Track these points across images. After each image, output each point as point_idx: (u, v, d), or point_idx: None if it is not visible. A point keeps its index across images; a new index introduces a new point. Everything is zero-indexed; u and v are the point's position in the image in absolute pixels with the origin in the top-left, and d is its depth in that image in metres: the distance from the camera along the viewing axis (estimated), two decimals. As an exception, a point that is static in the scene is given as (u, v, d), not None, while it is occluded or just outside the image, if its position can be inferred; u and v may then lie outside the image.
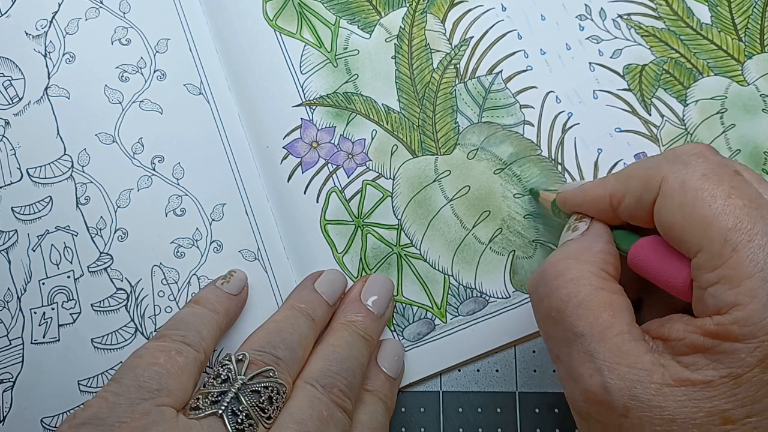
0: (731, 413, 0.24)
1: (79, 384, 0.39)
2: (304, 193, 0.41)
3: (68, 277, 0.40)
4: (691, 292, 0.27)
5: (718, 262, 0.25)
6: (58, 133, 0.42)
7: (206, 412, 0.30)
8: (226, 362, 0.32)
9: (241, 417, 0.30)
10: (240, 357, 0.33)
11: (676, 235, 0.27)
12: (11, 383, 0.39)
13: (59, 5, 0.44)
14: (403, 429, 0.38)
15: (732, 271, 0.25)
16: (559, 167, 0.40)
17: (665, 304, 0.31)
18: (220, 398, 0.31)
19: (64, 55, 0.43)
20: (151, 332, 0.39)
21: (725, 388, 0.25)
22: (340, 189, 0.41)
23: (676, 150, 0.29)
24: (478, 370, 0.39)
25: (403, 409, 0.38)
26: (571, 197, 0.34)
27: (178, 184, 0.41)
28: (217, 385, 0.31)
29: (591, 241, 0.31)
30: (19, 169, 0.42)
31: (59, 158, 0.42)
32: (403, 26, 0.43)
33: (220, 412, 0.30)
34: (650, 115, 0.41)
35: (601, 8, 0.43)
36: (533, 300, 0.31)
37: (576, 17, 0.43)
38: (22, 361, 0.39)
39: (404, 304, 0.39)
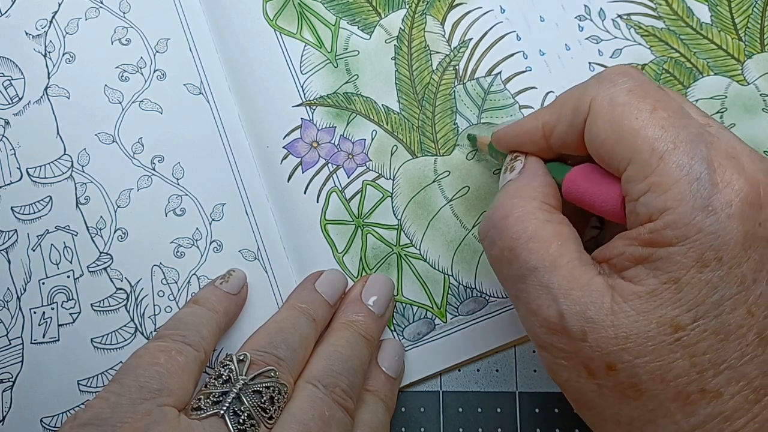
0: (680, 320, 0.25)
1: (78, 384, 0.39)
2: (304, 193, 0.41)
3: (68, 276, 0.40)
4: (624, 211, 0.28)
5: (647, 171, 0.26)
6: (57, 133, 0.42)
7: (208, 413, 0.30)
8: (228, 362, 0.32)
9: (242, 417, 0.30)
10: (241, 357, 0.33)
11: (606, 151, 0.28)
12: (11, 383, 0.39)
13: (59, 5, 0.44)
14: (403, 429, 0.38)
15: (660, 178, 0.26)
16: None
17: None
18: (221, 398, 0.31)
19: (64, 54, 0.43)
20: (151, 332, 0.39)
21: (668, 294, 0.25)
22: (340, 189, 0.41)
23: (603, 72, 0.30)
24: (478, 370, 0.39)
25: (403, 409, 0.38)
26: (504, 133, 0.34)
27: (178, 184, 0.41)
28: (219, 385, 0.31)
29: (529, 178, 0.32)
30: (19, 168, 0.42)
31: (59, 158, 0.42)
32: (402, 27, 0.43)
33: (222, 412, 0.30)
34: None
35: (601, 8, 0.43)
36: (485, 245, 0.31)
37: (575, 18, 0.43)
38: (22, 361, 0.39)
39: (404, 304, 0.39)
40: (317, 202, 0.41)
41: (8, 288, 0.40)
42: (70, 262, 0.40)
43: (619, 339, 0.26)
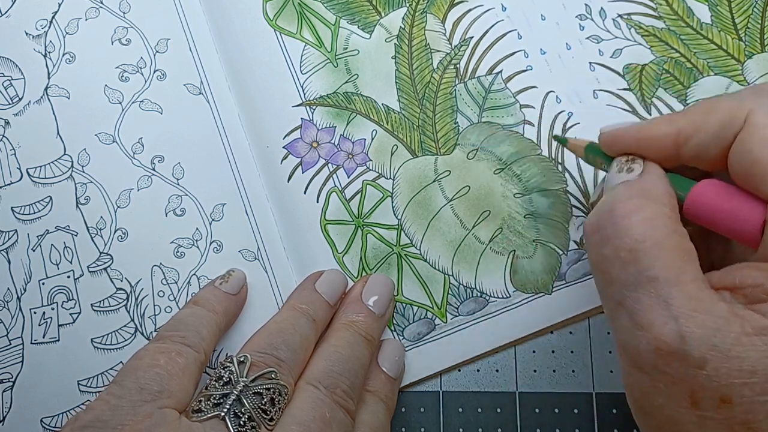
0: None
1: (78, 384, 0.39)
2: (304, 193, 0.41)
3: (68, 277, 0.40)
4: (761, 236, 0.25)
5: None
6: (58, 133, 0.42)
7: (208, 415, 0.30)
8: (228, 364, 0.32)
9: (243, 419, 0.30)
10: (241, 359, 0.33)
11: (758, 170, 0.25)
12: (11, 383, 0.39)
13: (59, 5, 0.44)
14: (403, 429, 0.38)
15: None
16: (559, 167, 0.40)
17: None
18: (222, 400, 0.31)
19: (64, 55, 0.43)
20: (151, 332, 0.39)
21: None
22: (340, 189, 0.41)
23: (762, 85, 0.28)
24: (478, 370, 0.39)
25: (403, 409, 0.38)
26: (624, 135, 0.31)
27: (178, 184, 0.41)
28: (219, 387, 0.31)
29: (654, 182, 0.28)
30: (19, 169, 0.42)
31: (59, 158, 0.42)
32: (403, 26, 0.43)
33: (223, 414, 0.30)
34: (650, 114, 0.41)
35: (601, 8, 0.43)
36: (593, 240, 0.28)
37: (576, 17, 0.43)
38: (22, 361, 0.39)
39: (404, 304, 0.39)
40: (317, 202, 0.41)
41: (8, 288, 0.40)
42: (70, 263, 0.40)
43: (743, 372, 0.23)
